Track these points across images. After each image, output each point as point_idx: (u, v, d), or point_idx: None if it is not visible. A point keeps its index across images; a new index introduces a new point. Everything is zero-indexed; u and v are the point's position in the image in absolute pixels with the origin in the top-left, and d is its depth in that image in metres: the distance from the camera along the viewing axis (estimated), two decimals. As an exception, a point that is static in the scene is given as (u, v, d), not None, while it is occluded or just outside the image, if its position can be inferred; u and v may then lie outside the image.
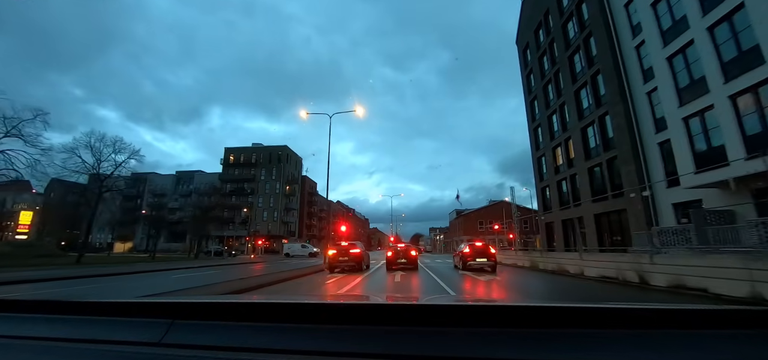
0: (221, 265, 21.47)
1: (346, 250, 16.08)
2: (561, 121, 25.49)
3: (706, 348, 0.65)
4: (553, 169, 26.55)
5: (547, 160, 27.79)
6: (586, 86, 22.33)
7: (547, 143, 27.57)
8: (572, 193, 23.99)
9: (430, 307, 0.93)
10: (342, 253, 15.96)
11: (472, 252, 15.44)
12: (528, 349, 0.68)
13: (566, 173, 24.71)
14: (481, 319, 0.80)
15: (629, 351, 0.66)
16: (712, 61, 12.57)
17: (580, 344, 0.68)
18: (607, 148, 20.26)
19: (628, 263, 10.47)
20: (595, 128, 21.44)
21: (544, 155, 28.50)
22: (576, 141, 23.38)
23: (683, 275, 8.63)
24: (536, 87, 29.45)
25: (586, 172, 22.04)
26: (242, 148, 71.86)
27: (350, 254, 15.82)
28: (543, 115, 28.21)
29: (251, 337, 0.79)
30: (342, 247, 16.54)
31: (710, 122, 12.88)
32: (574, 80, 23.63)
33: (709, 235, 11.23)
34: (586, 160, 22.11)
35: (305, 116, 24.40)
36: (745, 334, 0.68)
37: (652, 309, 0.74)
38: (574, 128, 23.39)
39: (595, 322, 0.75)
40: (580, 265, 13.01)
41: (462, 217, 67.66)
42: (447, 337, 0.72)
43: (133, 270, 15.92)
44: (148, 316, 0.91)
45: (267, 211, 66.32)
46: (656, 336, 0.69)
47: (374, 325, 0.80)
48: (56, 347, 0.83)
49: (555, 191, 26.27)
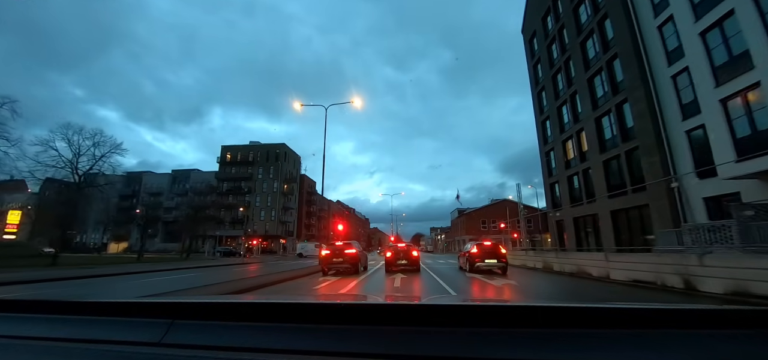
0: (203, 267, 19.92)
1: (341, 251, 14.59)
2: (572, 112, 23.86)
3: (706, 348, 0.65)
4: (564, 164, 24.91)
5: (556, 154, 26.15)
6: (600, 73, 20.70)
7: (556, 136, 25.93)
8: (585, 189, 22.35)
9: (431, 307, 0.94)
10: (336, 254, 14.48)
11: (480, 252, 13.88)
12: (528, 349, 0.67)
13: (578, 168, 23.08)
14: (482, 319, 0.80)
15: (629, 351, 0.66)
16: (757, 32, 10.95)
17: (580, 344, 0.68)
18: (625, 139, 18.63)
19: (669, 265, 8.87)
20: (611, 118, 19.81)
21: (553, 149, 26.87)
22: (589, 132, 21.75)
23: (747, 280, 7.04)
24: (544, 77, 27.82)
25: (601, 166, 20.40)
26: (239, 147, 70.41)
27: (345, 255, 14.33)
28: (552, 107, 26.57)
29: (251, 337, 0.79)
30: (336, 247, 15.04)
31: (756, 103, 11.25)
32: (587, 67, 21.99)
33: (756, 233, 9.65)
34: (602, 153, 20.47)
35: (300, 108, 23.47)
36: (745, 334, 0.68)
37: (652, 309, 0.75)
38: (588, 119, 21.76)
39: (595, 322, 0.75)
40: (605, 267, 11.42)
41: (464, 215, 65.99)
42: (447, 337, 0.72)
43: (102, 273, 14.38)
44: (148, 316, 0.91)
45: (264, 211, 64.81)
46: (656, 336, 0.69)
47: (374, 325, 0.80)
48: (56, 347, 0.83)
49: (566, 187, 24.62)
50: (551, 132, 26.84)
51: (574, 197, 23.62)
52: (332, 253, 14.54)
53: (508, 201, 60.51)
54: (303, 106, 23.53)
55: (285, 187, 66.88)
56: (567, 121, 24.72)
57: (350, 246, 14.82)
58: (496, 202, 63.26)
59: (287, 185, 67.08)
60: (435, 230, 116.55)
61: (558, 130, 25.63)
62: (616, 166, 19.67)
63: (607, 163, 20.23)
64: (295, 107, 23.03)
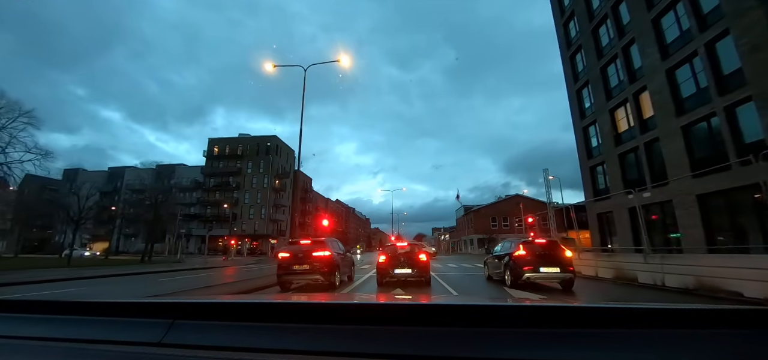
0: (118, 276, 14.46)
1: (306, 253, 9.22)
2: (626, 69, 18.18)
3: (706, 348, 0.64)
4: (612, 139, 19.23)
5: (600, 127, 20.47)
6: (675, 6, 15.05)
7: (600, 105, 20.25)
8: (650, 168, 16.68)
9: (431, 306, 0.94)
10: (297, 258, 9.10)
11: (531, 256, 8.43)
12: (529, 349, 0.67)
13: (637, 141, 17.41)
14: (482, 319, 0.79)
15: (630, 351, 0.65)
16: None
17: (580, 344, 0.67)
18: (723, 90, 12.96)
19: None
20: (695, 64, 14.17)
21: (593, 123, 21.20)
22: (656, 91, 16.06)
23: None
24: (581, 34, 22.12)
25: (680, 134, 14.71)
26: (227, 139, 65.26)
27: (312, 259, 9.06)
28: (593, 68, 20.90)
29: (252, 337, 0.79)
30: (299, 247, 9.63)
31: None
32: (650, 5, 16.34)
33: None
34: (679, 116, 14.79)
35: (272, 69, 19.23)
36: (745, 334, 0.67)
37: (653, 309, 0.74)
38: (654, 72, 16.09)
39: (595, 322, 0.74)
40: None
41: (472, 213, 60.16)
42: (448, 337, 0.71)
43: None
44: (149, 316, 0.90)
45: (254, 209, 59.46)
46: (656, 336, 0.68)
47: (374, 325, 0.79)
48: (56, 347, 0.82)
49: (616, 168, 18.92)
50: (593, 99, 21.12)
51: (630, 180, 17.96)
52: (292, 257, 9.14)
53: (522, 197, 54.72)
54: (275, 66, 19.39)
55: (277, 182, 61.44)
56: (617, 81, 19.03)
57: (322, 245, 9.35)
58: (507, 198, 57.43)
59: (279, 181, 61.62)
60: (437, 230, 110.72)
61: (603, 96, 19.95)
62: (704, 130, 13.99)
63: (688, 129, 14.54)
64: (267, 69, 18.76)
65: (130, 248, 60.53)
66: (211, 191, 61.79)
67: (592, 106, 21.37)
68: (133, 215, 48.52)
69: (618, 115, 19.18)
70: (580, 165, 22.51)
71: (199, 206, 61.36)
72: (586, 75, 21.77)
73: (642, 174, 17.08)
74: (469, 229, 60.23)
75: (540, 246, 8.70)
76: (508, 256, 8.87)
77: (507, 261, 8.90)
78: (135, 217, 49.45)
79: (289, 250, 9.43)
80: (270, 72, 18.84)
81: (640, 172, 17.41)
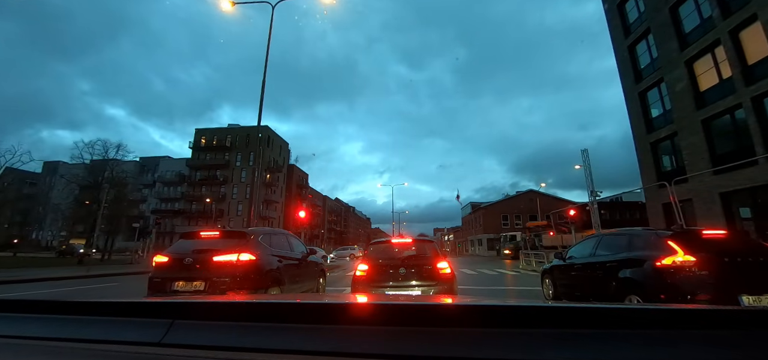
0: None
1: (203, 258, 3.95)
2: (711, 3, 13.15)
3: (706, 348, 0.64)
4: (692, 101, 14.13)
5: (669, 88, 15.37)
6: None
7: (669, 58, 15.16)
8: (764, 132, 11.62)
9: (431, 306, 0.95)
10: (184, 267, 3.88)
11: (726, 267, 3.26)
12: (530, 350, 0.67)
13: (732, 100, 12.39)
14: (483, 319, 0.78)
15: (630, 351, 0.65)
16: None
17: (581, 345, 0.67)
18: None
19: None
20: None
21: (658, 83, 16.13)
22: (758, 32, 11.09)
23: None
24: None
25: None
26: (216, 130, 60.48)
27: (211, 268, 3.74)
28: (653, 13, 15.85)
29: (252, 337, 0.78)
30: (196, 243, 4.42)
31: None
32: None
33: None
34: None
35: (231, 7, 14.74)
36: (745, 334, 0.67)
37: (653, 309, 0.74)
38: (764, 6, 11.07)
39: (595, 322, 0.74)
40: None
41: (481, 211, 54.97)
42: (448, 338, 0.71)
43: None
44: (148, 316, 0.90)
45: (243, 204, 54.56)
46: (656, 336, 0.68)
47: (374, 325, 0.79)
48: (56, 347, 0.82)
49: (699, 138, 13.82)
50: (657, 52, 16.02)
51: (720, 156, 12.89)
52: (174, 265, 4.04)
53: (537, 192, 49.53)
54: (235, 3, 14.84)
55: (268, 176, 56.53)
56: (698, 21, 13.98)
57: (241, 243, 4.29)
58: (520, 194, 52.26)
59: (270, 175, 56.71)
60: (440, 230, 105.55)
61: (675, 45, 14.82)
62: None
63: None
64: (225, 7, 14.42)
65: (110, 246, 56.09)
66: (197, 185, 57.02)
67: (654, 62, 16.29)
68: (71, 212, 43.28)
69: (697, 69, 14.11)
70: (636, 142, 17.39)
71: (184, 201, 56.69)
72: (644, 22, 16.68)
73: (745, 143, 12.01)
74: (477, 228, 55.07)
75: (731, 245, 3.74)
76: (651, 267, 3.88)
77: (643, 276, 3.92)
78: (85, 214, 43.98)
79: (176, 251, 4.45)
80: (228, 10, 14.58)
81: (740, 141, 12.34)
